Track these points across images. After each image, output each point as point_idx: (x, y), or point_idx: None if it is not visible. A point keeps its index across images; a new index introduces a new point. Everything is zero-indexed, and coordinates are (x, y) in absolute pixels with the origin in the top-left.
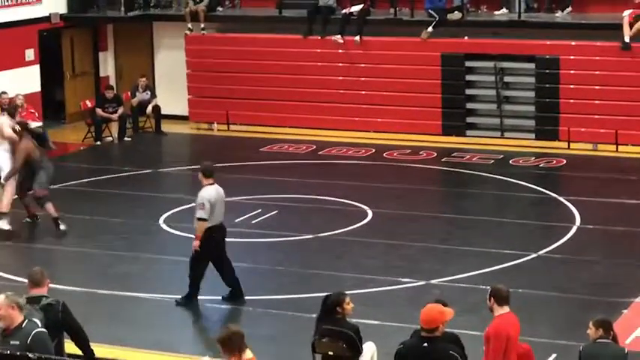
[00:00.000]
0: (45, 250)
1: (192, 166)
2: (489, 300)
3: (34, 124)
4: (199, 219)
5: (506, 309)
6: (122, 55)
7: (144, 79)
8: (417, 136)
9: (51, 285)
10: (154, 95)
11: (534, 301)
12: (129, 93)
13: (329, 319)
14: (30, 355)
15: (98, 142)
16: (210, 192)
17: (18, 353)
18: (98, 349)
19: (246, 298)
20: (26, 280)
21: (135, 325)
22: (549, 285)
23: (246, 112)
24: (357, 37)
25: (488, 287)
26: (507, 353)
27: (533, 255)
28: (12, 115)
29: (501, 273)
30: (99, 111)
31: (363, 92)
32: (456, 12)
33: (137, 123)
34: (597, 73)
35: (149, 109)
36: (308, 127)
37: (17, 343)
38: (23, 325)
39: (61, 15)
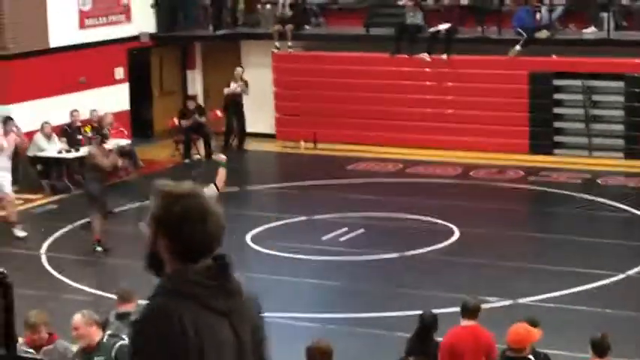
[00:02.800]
0: (133, 267)
1: (280, 184)
2: None
3: (123, 142)
4: None
5: (469, 322)
6: (210, 74)
7: (240, 68)
8: (504, 155)
9: (139, 301)
10: (246, 89)
11: (623, 321)
12: (217, 112)
13: (421, 340)
14: None
15: (187, 160)
16: None
17: None
18: None
19: (333, 316)
20: (114, 296)
21: None
22: (639, 306)
23: (334, 131)
24: (445, 56)
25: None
26: None
27: (622, 275)
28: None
29: (590, 293)
30: (183, 122)
31: (451, 110)
32: (543, 30)
33: (228, 140)
34: None
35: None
36: (395, 145)
37: (102, 358)
38: (104, 341)
39: (150, 34)
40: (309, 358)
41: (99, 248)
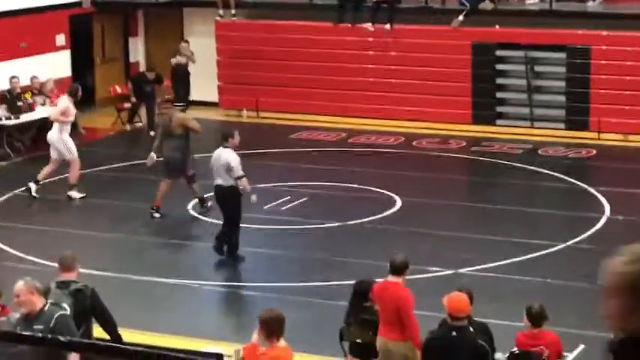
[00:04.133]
0: (74, 235)
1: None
2: None
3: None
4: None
5: (393, 278)
6: (152, 41)
7: (186, 44)
8: (446, 125)
9: (81, 270)
10: (193, 59)
11: (563, 291)
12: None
13: (358, 307)
14: (61, 338)
15: (128, 127)
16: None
17: (49, 336)
18: (126, 335)
19: (275, 284)
20: (56, 265)
21: (163, 310)
22: (578, 275)
23: (276, 99)
24: (388, 25)
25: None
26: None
27: (562, 245)
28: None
29: (530, 263)
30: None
31: (394, 80)
32: (487, 1)
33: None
34: (628, 63)
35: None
36: (338, 114)
37: (41, 327)
38: (45, 309)
39: (92, 0)
40: (264, 326)
41: (156, 215)
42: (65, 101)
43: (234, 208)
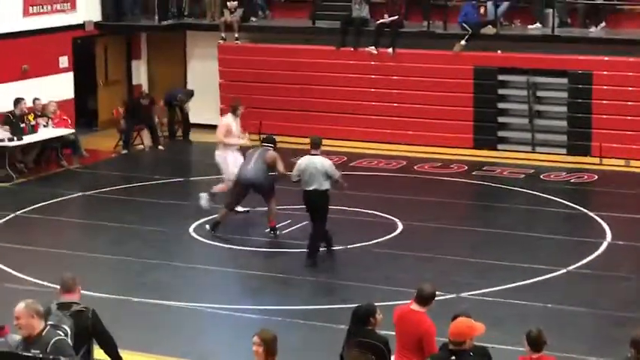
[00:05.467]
0: (75, 257)
1: (223, 176)
2: None
3: (67, 131)
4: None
5: (417, 307)
6: (155, 64)
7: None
8: (448, 149)
9: (82, 291)
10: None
11: (564, 316)
12: (161, 102)
13: (359, 331)
14: (63, 358)
15: (125, 151)
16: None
17: (51, 357)
18: (127, 357)
19: (276, 307)
20: (57, 286)
21: (164, 333)
22: (579, 300)
23: (278, 123)
24: (390, 49)
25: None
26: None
27: (563, 270)
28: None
29: (531, 288)
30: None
31: (395, 104)
32: (489, 26)
33: (172, 130)
34: (630, 89)
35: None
36: (339, 138)
37: (38, 351)
38: (43, 334)
39: (95, 23)
40: (265, 345)
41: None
42: (227, 119)
43: (326, 209)
